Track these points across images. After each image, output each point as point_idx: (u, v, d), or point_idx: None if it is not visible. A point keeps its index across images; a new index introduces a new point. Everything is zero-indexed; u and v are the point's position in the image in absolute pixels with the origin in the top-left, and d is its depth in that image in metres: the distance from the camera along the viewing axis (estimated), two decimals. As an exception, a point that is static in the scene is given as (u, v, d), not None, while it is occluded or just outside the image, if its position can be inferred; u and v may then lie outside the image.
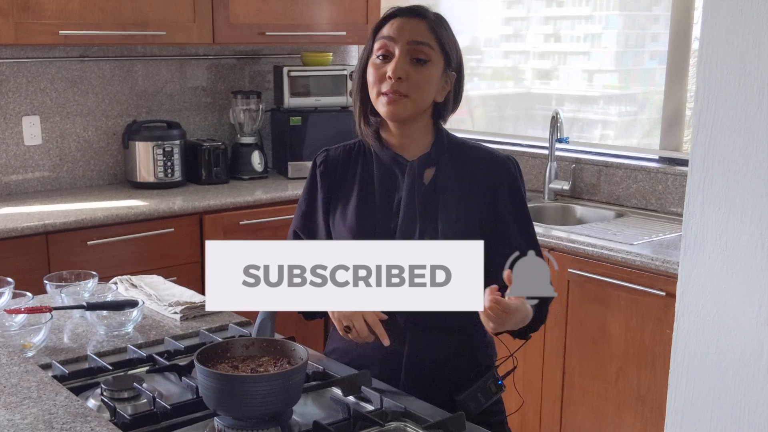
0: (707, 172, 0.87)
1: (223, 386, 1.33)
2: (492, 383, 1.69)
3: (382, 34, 1.67)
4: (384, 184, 1.73)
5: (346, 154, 1.80)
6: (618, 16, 3.59)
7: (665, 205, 3.17)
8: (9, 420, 1.17)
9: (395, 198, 1.72)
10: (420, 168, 1.72)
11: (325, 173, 1.79)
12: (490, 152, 1.77)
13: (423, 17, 1.67)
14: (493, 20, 4.06)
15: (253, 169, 3.84)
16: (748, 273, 0.84)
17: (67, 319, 1.94)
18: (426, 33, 1.65)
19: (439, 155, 1.73)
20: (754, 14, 0.81)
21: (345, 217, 1.74)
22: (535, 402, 2.94)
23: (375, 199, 1.73)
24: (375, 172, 1.74)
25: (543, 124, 3.69)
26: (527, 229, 1.74)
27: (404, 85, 1.63)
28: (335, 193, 1.77)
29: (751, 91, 0.82)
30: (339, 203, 1.76)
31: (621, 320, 2.67)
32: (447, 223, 1.67)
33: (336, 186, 1.78)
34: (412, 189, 1.71)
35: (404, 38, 1.64)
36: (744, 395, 0.86)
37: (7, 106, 3.40)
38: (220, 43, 3.60)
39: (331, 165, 1.79)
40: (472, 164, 1.73)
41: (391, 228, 1.70)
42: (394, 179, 1.73)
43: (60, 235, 2.96)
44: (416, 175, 1.71)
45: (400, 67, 1.63)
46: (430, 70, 1.65)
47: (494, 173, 1.72)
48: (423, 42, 1.64)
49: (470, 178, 1.71)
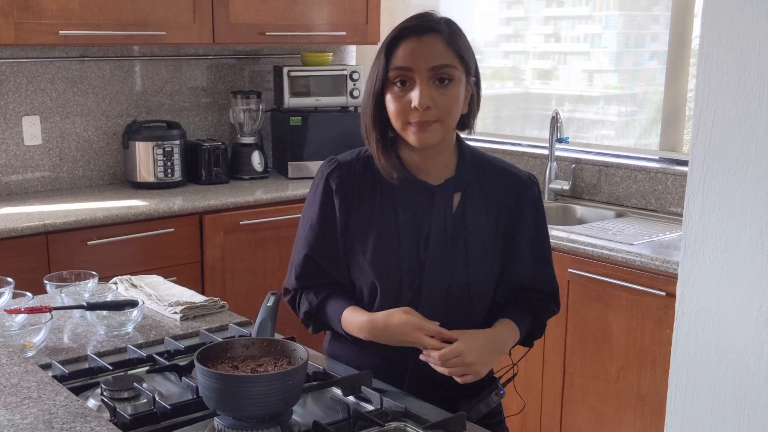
0: (707, 172, 0.87)
1: (223, 386, 1.33)
2: (494, 394, 1.68)
3: (397, 64, 1.53)
4: (408, 212, 1.62)
5: (362, 168, 1.65)
6: (618, 16, 3.59)
7: (665, 205, 3.17)
8: (9, 420, 1.17)
9: (422, 228, 1.62)
10: (448, 194, 1.63)
11: (340, 191, 1.64)
12: (514, 173, 1.70)
13: (436, 32, 1.54)
14: (493, 20, 4.06)
15: (254, 169, 3.84)
16: (748, 273, 0.84)
17: (67, 319, 1.94)
18: (444, 52, 1.54)
19: (466, 177, 1.65)
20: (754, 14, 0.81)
21: (365, 249, 1.63)
22: (536, 402, 2.94)
23: (398, 229, 1.62)
24: (396, 197, 1.63)
25: (543, 124, 3.69)
26: (541, 254, 1.71)
27: (432, 112, 1.53)
28: (353, 218, 1.64)
29: (751, 91, 0.82)
30: (357, 230, 1.64)
31: (621, 320, 2.67)
32: (474, 255, 1.63)
33: (353, 207, 1.64)
34: (442, 219, 1.62)
35: (423, 66, 1.52)
36: (744, 395, 0.86)
37: (7, 106, 3.40)
38: (220, 43, 3.60)
39: (347, 182, 1.64)
40: (497, 186, 1.67)
41: (419, 261, 1.61)
42: (418, 205, 1.63)
43: (60, 235, 2.96)
44: (445, 203, 1.63)
45: (425, 95, 1.52)
46: (456, 89, 1.55)
47: (518, 196, 1.67)
48: (442, 65, 1.53)
49: (496, 202, 1.66)
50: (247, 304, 3.15)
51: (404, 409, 1.46)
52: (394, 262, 1.61)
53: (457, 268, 1.62)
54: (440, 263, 1.61)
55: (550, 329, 2.86)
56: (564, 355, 2.84)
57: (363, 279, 1.65)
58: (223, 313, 1.99)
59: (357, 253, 1.64)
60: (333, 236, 1.65)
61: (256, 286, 3.40)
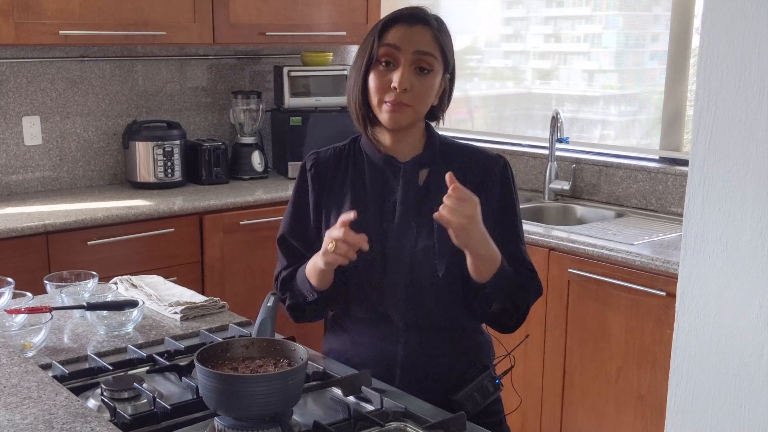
0: (707, 172, 0.87)
1: (224, 386, 1.33)
2: (489, 382, 1.69)
3: (387, 41, 1.65)
4: (376, 187, 1.74)
5: (337, 157, 1.79)
6: (618, 16, 3.59)
7: (665, 205, 3.17)
8: (9, 420, 1.17)
9: (389, 200, 1.72)
10: (414, 169, 1.73)
11: (316, 176, 1.78)
12: (481, 151, 1.79)
13: (427, 24, 1.67)
14: (493, 20, 4.05)
15: (254, 169, 3.84)
16: (748, 273, 0.84)
17: (67, 319, 1.94)
18: (431, 42, 1.65)
19: (432, 156, 1.74)
20: (754, 14, 0.81)
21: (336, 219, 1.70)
22: (536, 402, 2.94)
23: (367, 202, 1.73)
24: (367, 175, 1.75)
25: (543, 124, 3.69)
26: (512, 230, 1.73)
27: (408, 95, 1.64)
28: (326, 197, 1.77)
29: (751, 91, 0.82)
30: (331, 207, 1.76)
31: (621, 320, 2.67)
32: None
33: (327, 189, 1.77)
34: (407, 191, 1.71)
35: (410, 48, 1.64)
36: (744, 395, 0.86)
37: (7, 106, 3.40)
38: (221, 43, 3.60)
39: (322, 168, 1.78)
40: (463, 164, 1.74)
41: (383, 229, 1.70)
42: (386, 181, 1.74)
43: (60, 235, 2.96)
44: (411, 177, 1.72)
45: (406, 78, 1.63)
46: (433, 80, 1.67)
47: (485, 172, 1.74)
48: (428, 53, 1.65)
49: (462, 178, 1.68)
50: (247, 304, 3.15)
51: (404, 409, 1.46)
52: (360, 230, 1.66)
53: (422, 236, 1.68)
54: (404, 231, 1.69)
55: (550, 329, 2.87)
56: (564, 355, 2.84)
57: None
58: (223, 313, 1.99)
59: (330, 225, 1.72)
60: (305, 216, 1.79)
61: (255, 286, 3.40)
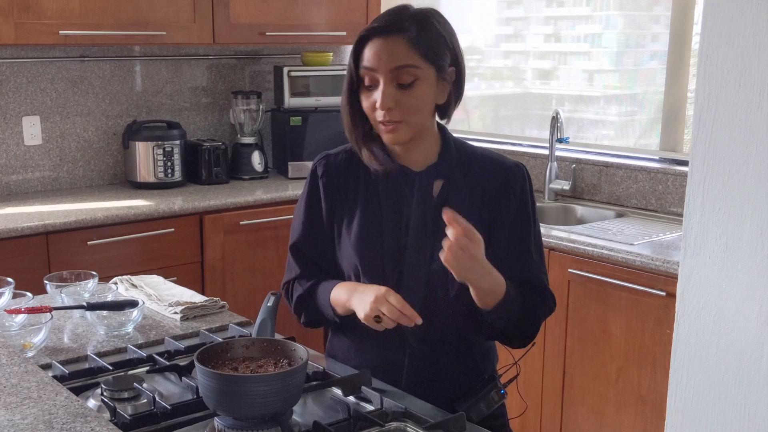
0: (707, 172, 0.87)
1: (224, 386, 1.33)
2: (495, 393, 1.67)
3: (363, 64, 1.58)
4: (390, 198, 1.66)
5: (348, 161, 1.72)
6: (618, 16, 3.59)
7: (665, 205, 3.17)
8: (9, 420, 1.17)
9: (403, 213, 1.65)
10: (428, 180, 1.66)
11: (328, 185, 1.71)
12: (500, 162, 1.70)
13: (400, 31, 1.56)
14: (493, 20, 4.06)
15: (254, 169, 3.84)
16: (748, 273, 0.84)
17: (67, 319, 1.94)
18: (406, 53, 1.55)
19: (448, 166, 1.67)
20: (754, 14, 0.81)
21: (350, 234, 1.67)
22: (536, 402, 2.94)
23: (381, 214, 1.66)
24: (380, 184, 1.68)
25: (543, 124, 3.69)
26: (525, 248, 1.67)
27: (395, 112, 1.57)
28: (338, 206, 1.70)
29: (751, 91, 0.82)
30: (343, 217, 1.69)
31: (621, 320, 2.67)
32: None
33: (339, 198, 1.70)
34: (422, 204, 1.64)
35: (384, 66, 1.55)
36: (744, 395, 0.86)
37: (7, 106, 3.40)
38: (221, 43, 3.60)
39: (334, 175, 1.71)
40: (481, 173, 1.67)
41: (400, 245, 1.64)
42: (400, 192, 1.66)
43: (60, 235, 2.96)
44: (426, 190, 1.65)
45: (387, 97, 1.55)
46: (420, 89, 1.57)
47: (504, 187, 1.67)
48: (404, 65, 1.55)
49: (480, 189, 1.66)
50: (247, 304, 3.15)
51: (404, 409, 1.46)
52: (377, 245, 1.64)
53: (437, 252, 1.60)
54: (420, 247, 1.64)
55: (550, 329, 2.87)
56: (564, 356, 2.84)
57: (347, 263, 1.69)
58: (223, 313, 1.99)
59: (343, 239, 1.69)
60: (319, 225, 1.72)
61: (256, 286, 3.40)
